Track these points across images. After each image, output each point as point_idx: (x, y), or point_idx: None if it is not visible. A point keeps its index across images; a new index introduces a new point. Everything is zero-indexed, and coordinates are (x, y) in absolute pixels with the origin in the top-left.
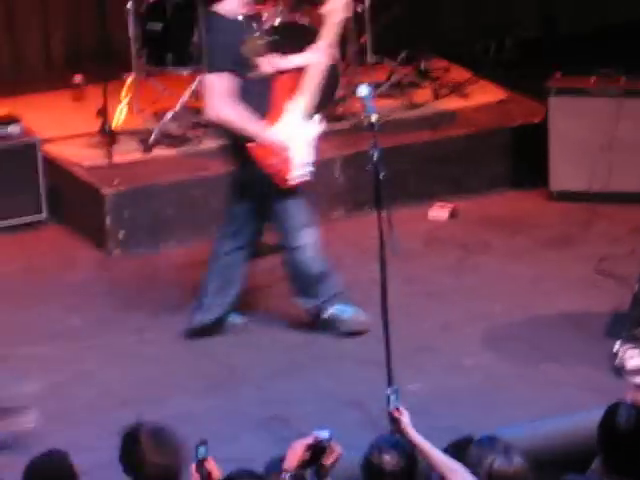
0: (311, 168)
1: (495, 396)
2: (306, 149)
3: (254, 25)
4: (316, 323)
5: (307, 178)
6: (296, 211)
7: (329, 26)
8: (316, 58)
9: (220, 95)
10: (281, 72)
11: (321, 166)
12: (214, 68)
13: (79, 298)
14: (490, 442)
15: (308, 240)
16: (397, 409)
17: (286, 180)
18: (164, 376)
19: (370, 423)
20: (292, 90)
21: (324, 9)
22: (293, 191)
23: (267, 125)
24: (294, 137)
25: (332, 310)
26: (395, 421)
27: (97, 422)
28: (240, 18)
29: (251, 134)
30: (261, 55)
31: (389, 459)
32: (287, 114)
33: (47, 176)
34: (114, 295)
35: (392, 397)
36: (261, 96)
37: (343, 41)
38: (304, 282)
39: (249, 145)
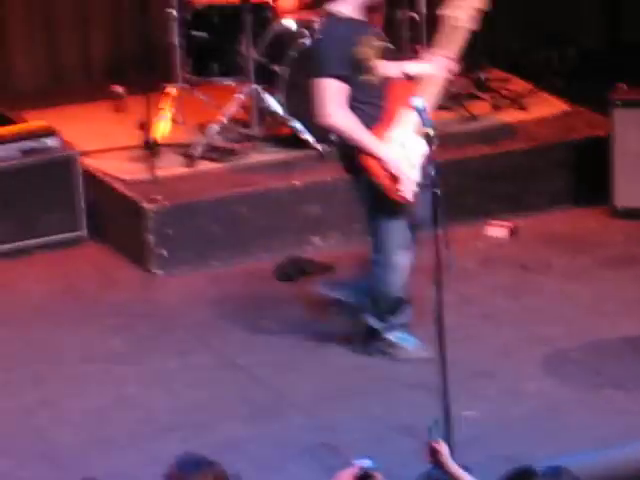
0: (416, 187)
1: (555, 424)
2: (415, 166)
3: (370, 27)
4: (371, 345)
5: (413, 197)
6: (398, 229)
7: (450, 33)
8: (435, 69)
9: (333, 101)
10: (400, 79)
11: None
12: (326, 72)
13: (120, 319)
14: (556, 474)
15: (401, 262)
16: (436, 441)
17: (398, 194)
18: (209, 401)
19: (421, 452)
20: (406, 99)
21: (444, 11)
22: (401, 208)
23: (378, 135)
24: (405, 152)
25: (394, 336)
26: (434, 453)
27: (139, 449)
28: (356, 17)
29: (362, 144)
30: (376, 58)
31: None
32: (399, 125)
33: (86, 191)
34: (156, 317)
35: (433, 429)
36: (372, 102)
37: (398, 46)
38: (380, 301)
39: (362, 156)
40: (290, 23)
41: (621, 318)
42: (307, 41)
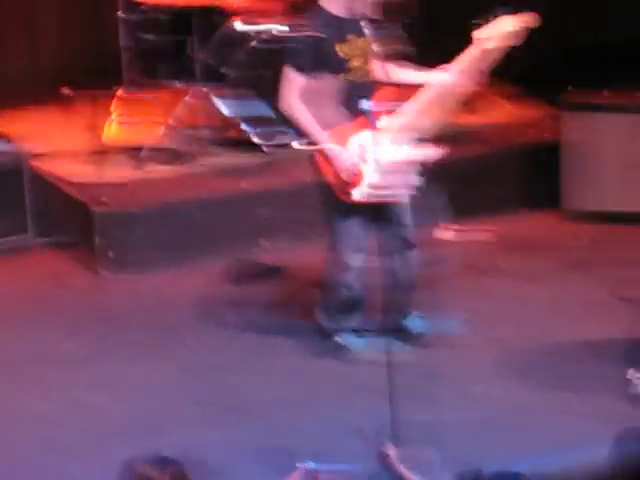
0: (384, 192)
1: (508, 426)
2: (378, 169)
3: (363, 27)
4: (324, 344)
5: (370, 199)
6: (348, 230)
7: (472, 51)
8: (440, 79)
9: (292, 92)
10: (389, 83)
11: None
12: (293, 64)
13: (71, 322)
14: (501, 478)
15: (353, 263)
16: (385, 444)
17: (347, 194)
18: (161, 404)
19: (372, 455)
20: (388, 105)
21: (478, 33)
22: (352, 208)
23: (340, 134)
24: (365, 154)
25: (343, 338)
26: (383, 457)
27: (90, 453)
28: (343, 16)
29: (314, 140)
30: (361, 59)
31: None
32: (373, 129)
33: (36, 194)
34: (107, 319)
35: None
36: (348, 102)
37: None
38: (332, 301)
39: (316, 154)
40: (239, 25)
41: (574, 321)
42: (256, 43)
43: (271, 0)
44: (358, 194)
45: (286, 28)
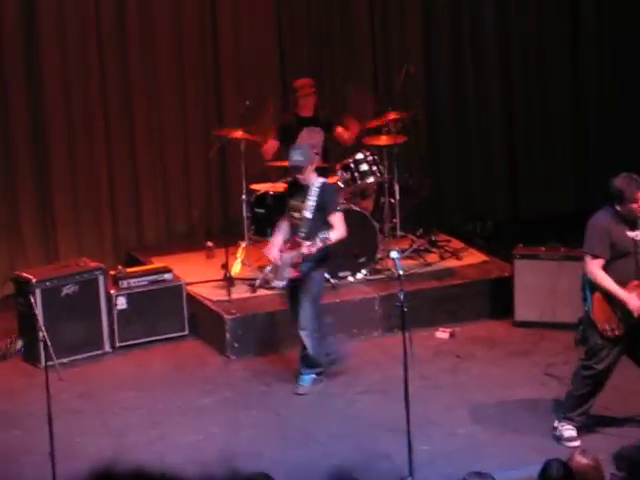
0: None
1: (478, 454)
2: (283, 277)
3: (305, 190)
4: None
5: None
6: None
7: (338, 232)
8: (311, 249)
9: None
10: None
11: (364, 302)
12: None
13: (208, 386)
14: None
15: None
16: None
17: (272, 280)
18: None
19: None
20: (291, 248)
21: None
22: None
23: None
24: (281, 266)
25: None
26: None
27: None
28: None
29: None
30: (298, 212)
31: None
32: (285, 254)
33: (189, 307)
34: (231, 385)
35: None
36: (292, 233)
37: (382, 220)
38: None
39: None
40: None
41: (520, 389)
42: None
43: None
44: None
45: None
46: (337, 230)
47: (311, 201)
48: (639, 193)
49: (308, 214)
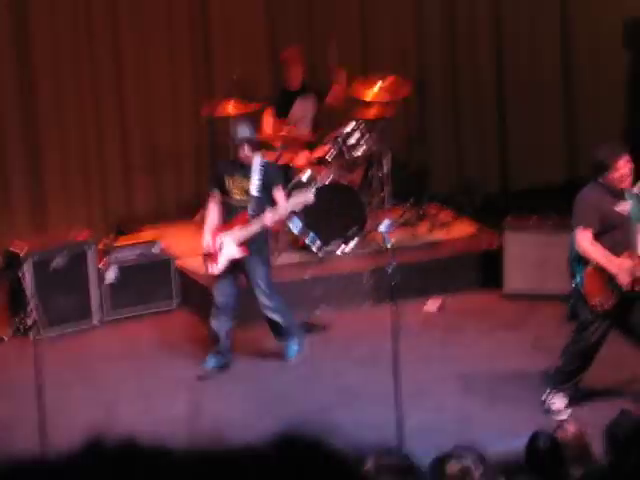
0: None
1: (467, 426)
2: (222, 261)
3: (247, 169)
4: None
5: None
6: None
7: (288, 205)
8: (265, 222)
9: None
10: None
11: (353, 274)
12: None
13: (198, 358)
14: (466, 448)
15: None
16: None
17: (209, 268)
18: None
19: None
20: (238, 226)
21: (292, 199)
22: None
23: (215, 231)
24: (223, 249)
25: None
26: None
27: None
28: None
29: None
30: (238, 191)
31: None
32: (228, 235)
33: (178, 279)
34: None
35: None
36: (229, 214)
37: (371, 192)
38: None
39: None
40: (305, 176)
41: (509, 361)
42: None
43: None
44: (212, 269)
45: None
46: (284, 206)
47: (256, 179)
48: (620, 161)
49: (255, 192)
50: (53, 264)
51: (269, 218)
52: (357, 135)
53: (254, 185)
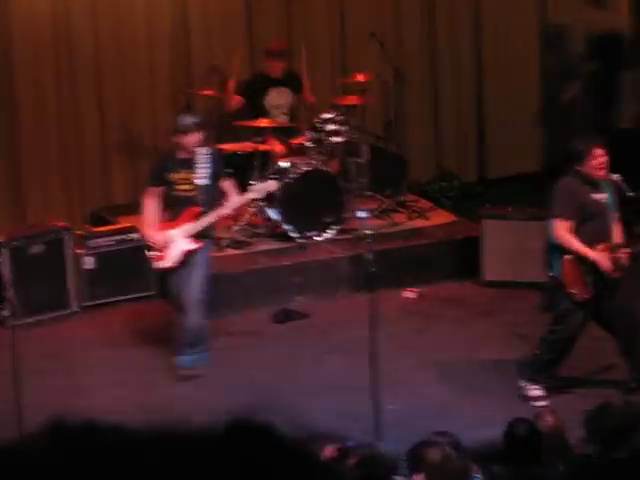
0: (169, 264)
1: (445, 414)
2: (175, 254)
3: (191, 160)
4: None
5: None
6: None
7: (247, 195)
8: (220, 213)
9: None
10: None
11: (333, 261)
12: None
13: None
14: (442, 434)
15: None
16: None
17: (158, 262)
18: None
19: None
20: (190, 219)
21: (251, 187)
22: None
23: (161, 226)
24: (172, 243)
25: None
26: None
27: None
28: (177, 155)
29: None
30: (183, 183)
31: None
32: (178, 229)
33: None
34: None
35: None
36: (174, 207)
37: (350, 180)
38: None
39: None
40: (284, 164)
41: (488, 348)
42: (293, 175)
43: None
44: (161, 264)
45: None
46: (238, 195)
47: (204, 168)
48: (596, 150)
49: (204, 181)
50: (32, 249)
51: (227, 208)
52: (335, 123)
53: (201, 175)
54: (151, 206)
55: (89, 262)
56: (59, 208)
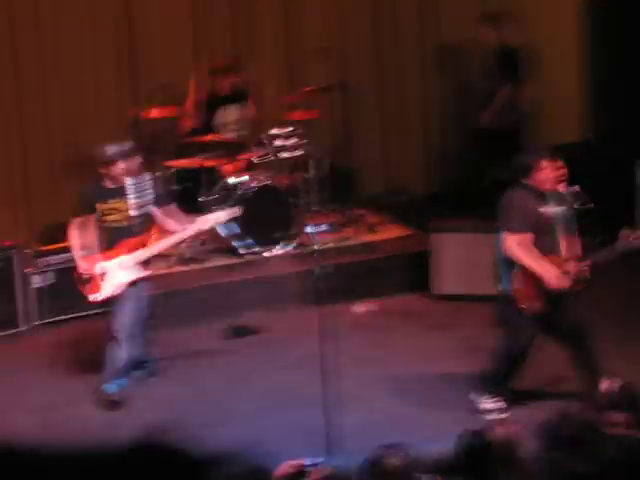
0: (102, 297)
1: (397, 428)
2: (109, 285)
3: (121, 189)
4: None
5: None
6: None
7: (199, 225)
8: (175, 241)
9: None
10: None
11: (281, 277)
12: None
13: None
14: (392, 447)
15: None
16: None
17: (90, 294)
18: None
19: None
20: (130, 249)
21: (201, 217)
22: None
23: (101, 257)
24: (111, 274)
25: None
26: None
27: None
28: (111, 185)
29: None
30: (116, 215)
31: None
32: (114, 261)
33: None
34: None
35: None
36: (111, 239)
37: (298, 196)
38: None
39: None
40: (232, 180)
41: (438, 362)
42: (241, 192)
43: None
44: (96, 295)
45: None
46: (194, 224)
47: (142, 196)
48: (543, 162)
49: (141, 210)
50: None
51: (187, 234)
52: (284, 138)
53: (137, 204)
54: (77, 236)
55: (38, 281)
56: (5, 226)
